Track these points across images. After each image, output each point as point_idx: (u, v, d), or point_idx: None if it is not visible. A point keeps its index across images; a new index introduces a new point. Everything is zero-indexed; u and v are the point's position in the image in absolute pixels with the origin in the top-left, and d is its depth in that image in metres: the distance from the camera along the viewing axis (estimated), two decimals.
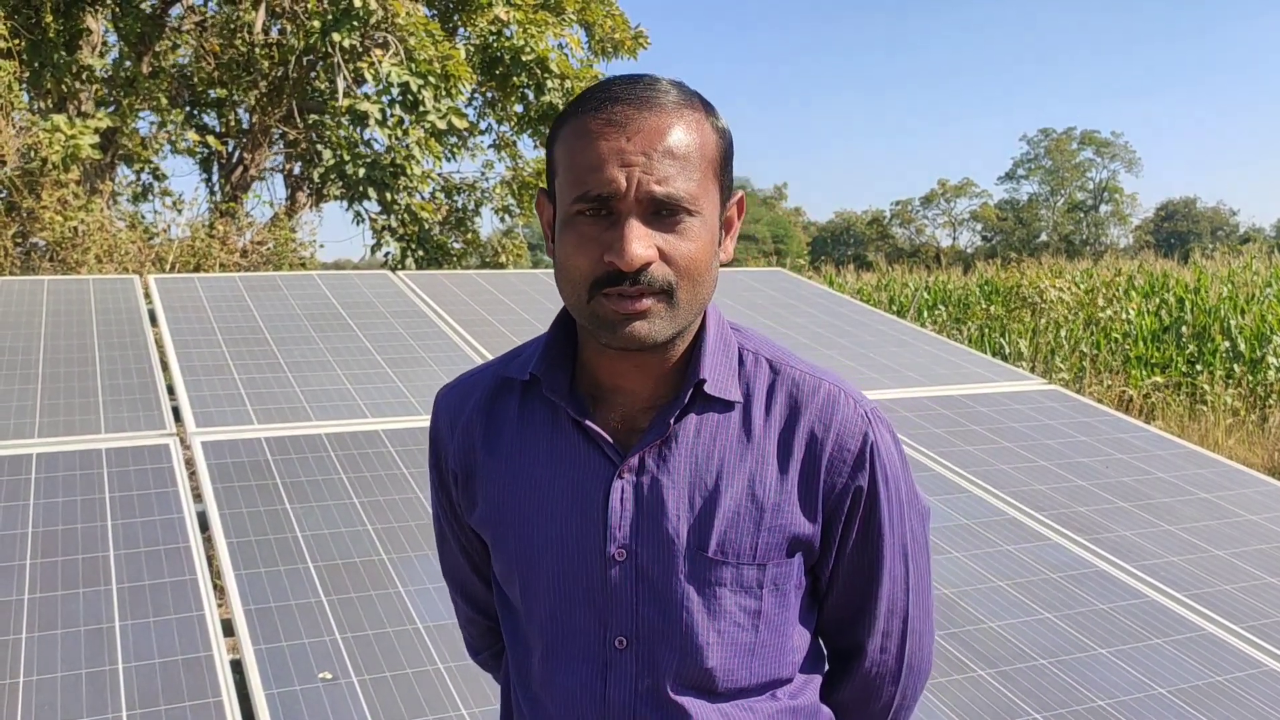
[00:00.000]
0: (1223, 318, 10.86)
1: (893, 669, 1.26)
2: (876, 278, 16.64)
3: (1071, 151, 58.23)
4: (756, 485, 1.14)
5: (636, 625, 1.14)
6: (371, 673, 2.22)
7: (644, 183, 1.04)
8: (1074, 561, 2.92)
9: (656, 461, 1.14)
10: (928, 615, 1.27)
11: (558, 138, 1.12)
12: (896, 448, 1.22)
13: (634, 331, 1.07)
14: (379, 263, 9.76)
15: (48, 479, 2.85)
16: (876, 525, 1.19)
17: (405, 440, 3.28)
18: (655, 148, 1.05)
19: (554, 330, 1.21)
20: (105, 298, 4.36)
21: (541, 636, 1.18)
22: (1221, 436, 8.47)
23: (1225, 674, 2.44)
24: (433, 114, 9.00)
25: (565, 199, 1.09)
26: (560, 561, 1.16)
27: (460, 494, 1.26)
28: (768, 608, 1.16)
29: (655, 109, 1.07)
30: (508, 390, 1.23)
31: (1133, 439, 3.84)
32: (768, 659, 1.17)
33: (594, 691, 1.15)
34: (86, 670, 2.15)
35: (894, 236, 55.36)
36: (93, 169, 9.06)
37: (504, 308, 4.67)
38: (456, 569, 1.37)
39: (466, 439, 1.24)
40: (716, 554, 1.13)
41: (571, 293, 1.10)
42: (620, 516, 1.13)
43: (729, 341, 1.20)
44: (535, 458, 1.18)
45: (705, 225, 1.09)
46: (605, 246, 1.06)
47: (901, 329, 4.87)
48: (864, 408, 1.19)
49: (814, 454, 1.16)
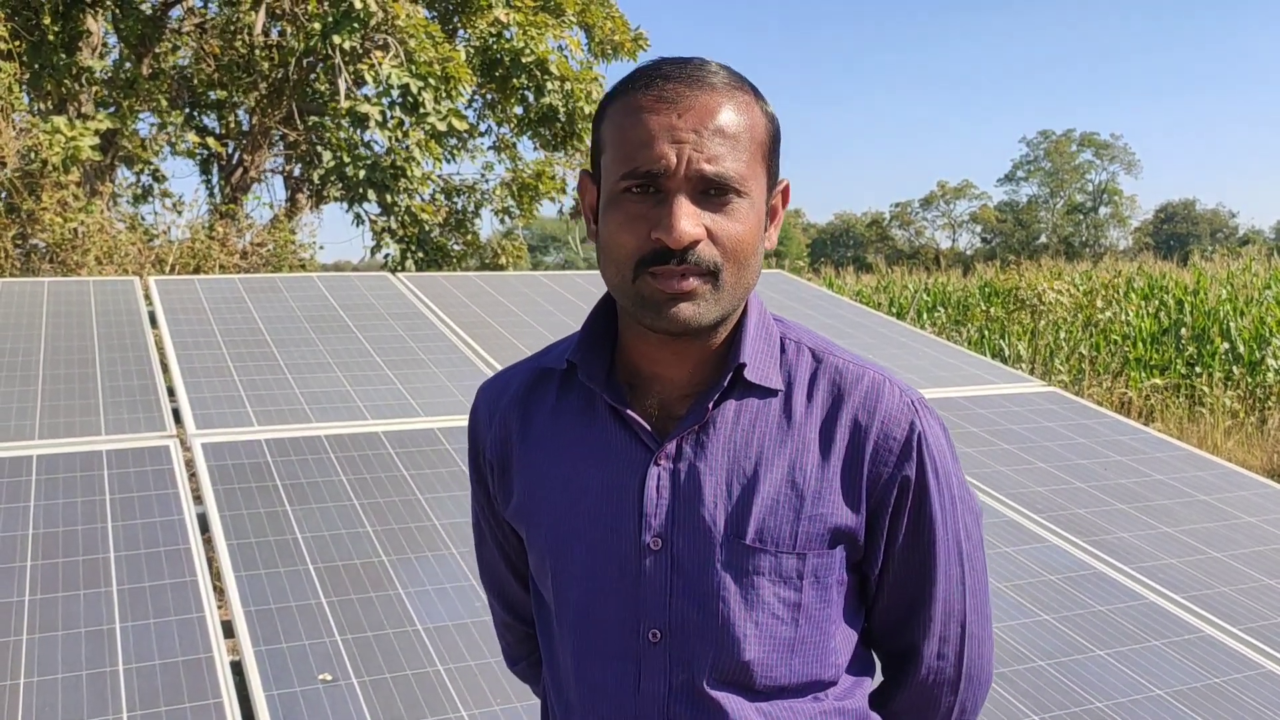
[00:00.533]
0: (1222, 320, 10.86)
1: (951, 677, 1.20)
2: (876, 279, 16.65)
3: (1071, 153, 58.27)
4: (796, 472, 1.11)
5: (670, 617, 1.11)
6: (371, 674, 2.23)
7: (694, 160, 1.03)
8: (1072, 563, 2.92)
9: (694, 448, 1.11)
10: (986, 621, 1.22)
11: (605, 115, 1.10)
12: (946, 440, 1.18)
13: (679, 313, 1.05)
14: (378, 264, 9.77)
15: (48, 480, 2.86)
16: (927, 519, 1.14)
17: (405, 442, 3.28)
18: (706, 126, 1.03)
19: (592, 318, 1.19)
20: (105, 299, 4.36)
21: (574, 631, 1.15)
22: (1220, 439, 8.48)
23: (1223, 675, 2.45)
24: (433, 116, 9.01)
25: (612, 177, 1.07)
26: (593, 551, 1.13)
27: (496, 486, 1.24)
28: (808, 601, 1.12)
29: (706, 88, 1.05)
30: (545, 380, 1.22)
31: (1131, 441, 3.85)
32: (808, 656, 1.13)
33: (627, 687, 1.12)
34: (87, 671, 2.16)
35: (893, 238, 55.38)
36: (93, 170, 9.07)
37: (503, 309, 4.67)
38: (494, 570, 1.35)
39: (503, 429, 1.22)
40: (755, 541, 1.09)
41: (615, 272, 1.08)
42: (656, 504, 1.11)
43: (770, 330, 1.17)
44: (571, 446, 1.16)
45: (753, 208, 1.07)
46: (653, 224, 1.04)
47: (900, 331, 4.88)
48: (910, 396, 1.15)
49: (857, 442, 1.12)
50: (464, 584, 2.58)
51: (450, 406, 3.57)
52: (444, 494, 3.00)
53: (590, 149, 1.15)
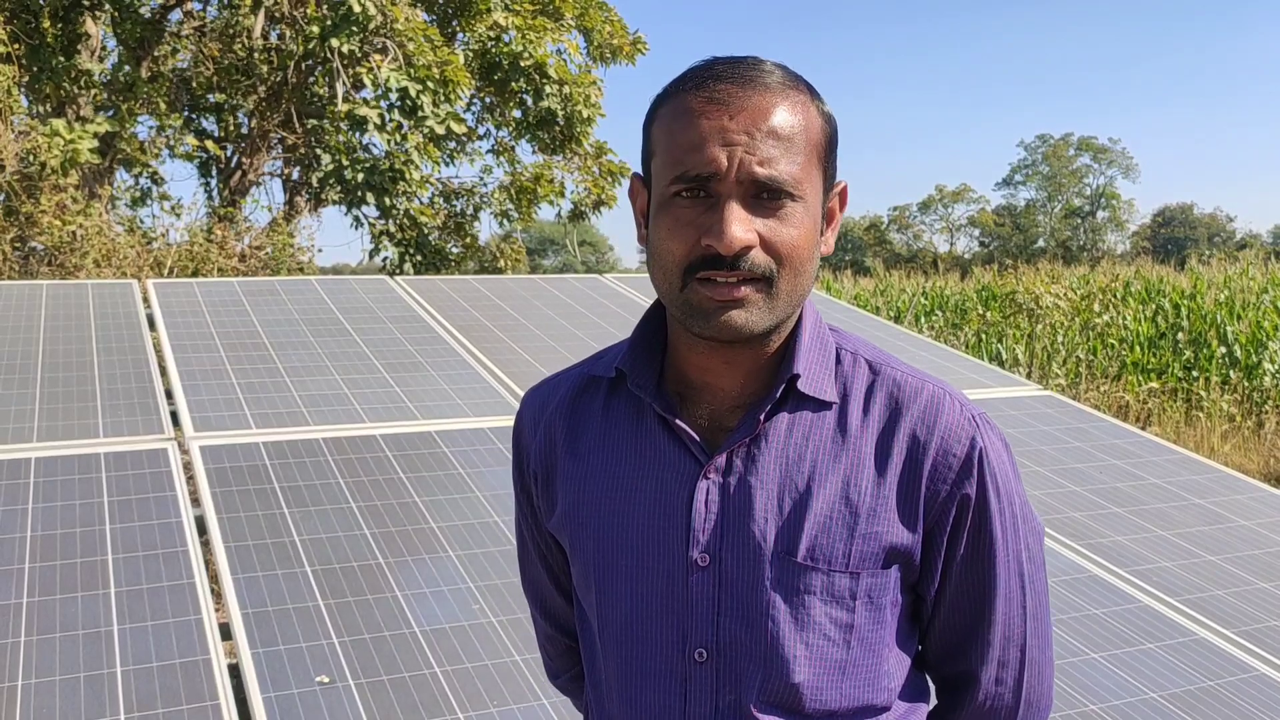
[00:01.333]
0: (1219, 324, 10.88)
1: (1009, 704, 1.15)
2: (874, 283, 16.66)
3: (1069, 158, 58.34)
4: (851, 489, 1.07)
5: (718, 636, 1.07)
6: (368, 676, 2.23)
7: (746, 163, 0.99)
8: (1067, 566, 2.93)
9: (745, 462, 1.07)
10: (1047, 645, 1.17)
11: (655, 117, 1.07)
12: (1008, 457, 1.13)
13: (730, 320, 1.02)
14: (377, 267, 9.78)
15: (46, 483, 2.87)
16: (988, 539, 1.09)
17: (402, 445, 3.29)
18: (759, 127, 1.00)
19: (642, 326, 1.16)
20: (104, 302, 4.37)
21: (618, 649, 1.12)
22: (1217, 442, 8.50)
23: (1217, 679, 2.46)
24: (431, 119, 9.02)
25: (662, 180, 1.04)
26: (639, 566, 1.10)
27: (541, 496, 1.21)
28: (861, 622, 1.07)
29: (760, 88, 1.02)
30: (593, 389, 1.18)
31: (1127, 445, 3.86)
32: (860, 680, 1.08)
33: (672, 708, 1.08)
34: (85, 674, 2.16)
35: (891, 242, 55.42)
36: (91, 173, 9.08)
37: (501, 312, 4.68)
38: (537, 581, 1.32)
39: (548, 438, 1.19)
40: (806, 559, 1.05)
41: (664, 279, 1.05)
42: (704, 519, 1.07)
43: (825, 340, 1.13)
44: (618, 456, 1.13)
45: (808, 212, 1.04)
46: (703, 230, 1.01)
47: (896, 334, 4.89)
48: (971, 411, 1.11)
49: (915, 459, 1.08)
50: (461, 587, 2.59)
51: (447, 410, 3.58)
52: (441, 497, 3.01)
53: (641, 152, 1.12)
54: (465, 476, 3.13)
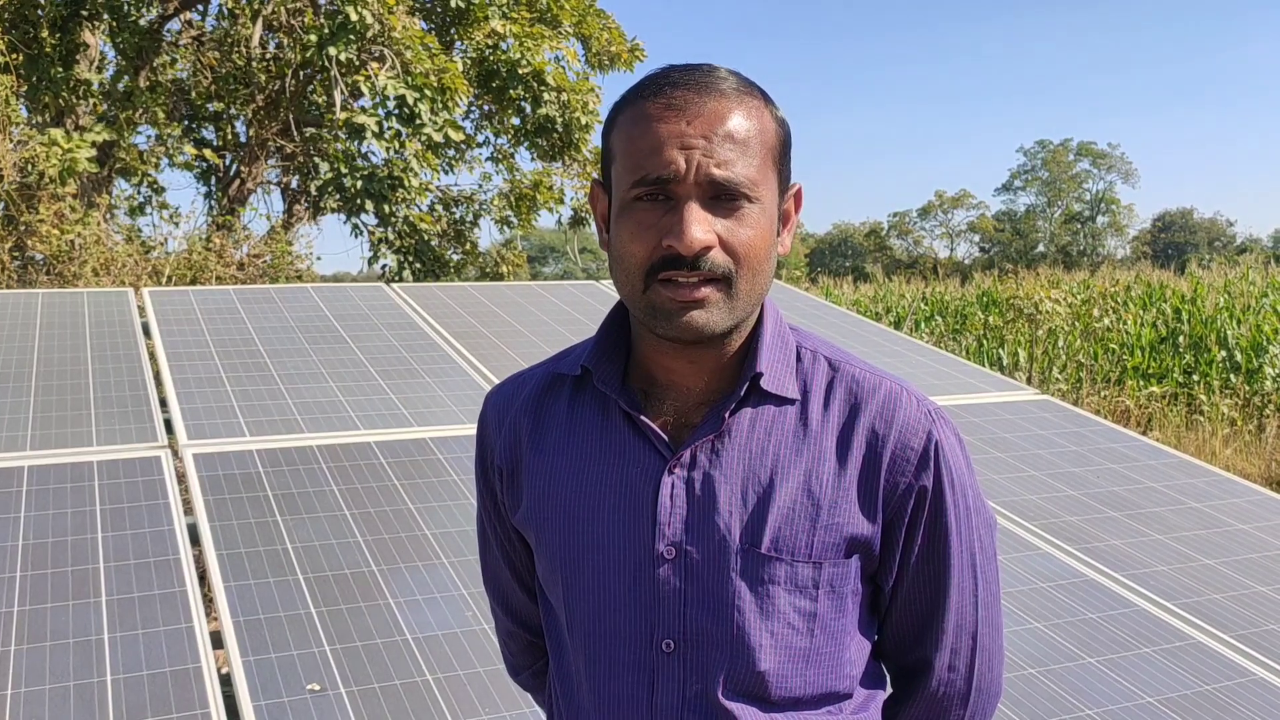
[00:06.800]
0: (1219, 328, 10.87)
1: (961, 690, 1.19)
2: (874, 289, 16.66)
3: (1068, 163, 58.38)
4: (813, 481, 1.10)
5: (684, 626, 1.09)
6: (360, 684, 2.22)
7: (704, 165, 1.02)
8: (1064, 571, 2.92)
9: (709, 457, 1.10)
10: (998, 633, 1.21)
11: (615, 124, 1.09)
12: (962, 451, 1.17)
13: (691, 320, 1.05)
14: (377, 275, 9.78)
15: (39, 491, 2.86)
16: (942, 531, 1.14)
17: (397, 452, 3.29)
18: (715, 131, 1.03)
19: (607, 325, 1.18)
20: (99, 310, 4.37)
21: (585, 642, 1.14)
22: (1219, 446, 8.48)
23: (1214, 683, 2.44)
24: (429, 127, 9.03)
25: (622, 185, 1.07)
26: (606, 560, 1.12)
27: (505, 492, 1.23)
28: (823, 611, 1.11)
29: (715, 94, 1.05)
30: (558, 386, 1.21)
31: (1124, 449, 3.85)
32: (823, 667, 1.12)
33: (640, 699, 1.11)
34: (75, 682, 2.16)
35: (892, 248, 55.45)
36: (90, 183, 9.09)
37: (498, 319, 4.68)
38: (498, 577, 1.34)
39: (513, 434, 1.21)
40: (770, 550, 1.08)
41: (627, 281, 1.07)
42: (670, 513, 1.09)
43: (787, 339, 1.16)
44: (584, 452, 1.15)
45: (765, 213, 1.07)
46: (663, 231, 1.03)
47: (895, 340, 4.88)
48: (927, 406, 1.15)
49: (875, 452, 1.11)
50: (454, 594, 2.58)
51: (442, 416, 3.57)
52: (435, 504, 3.00)
53: (601, 158, 1.14)
54: (459, 483, 3.12)
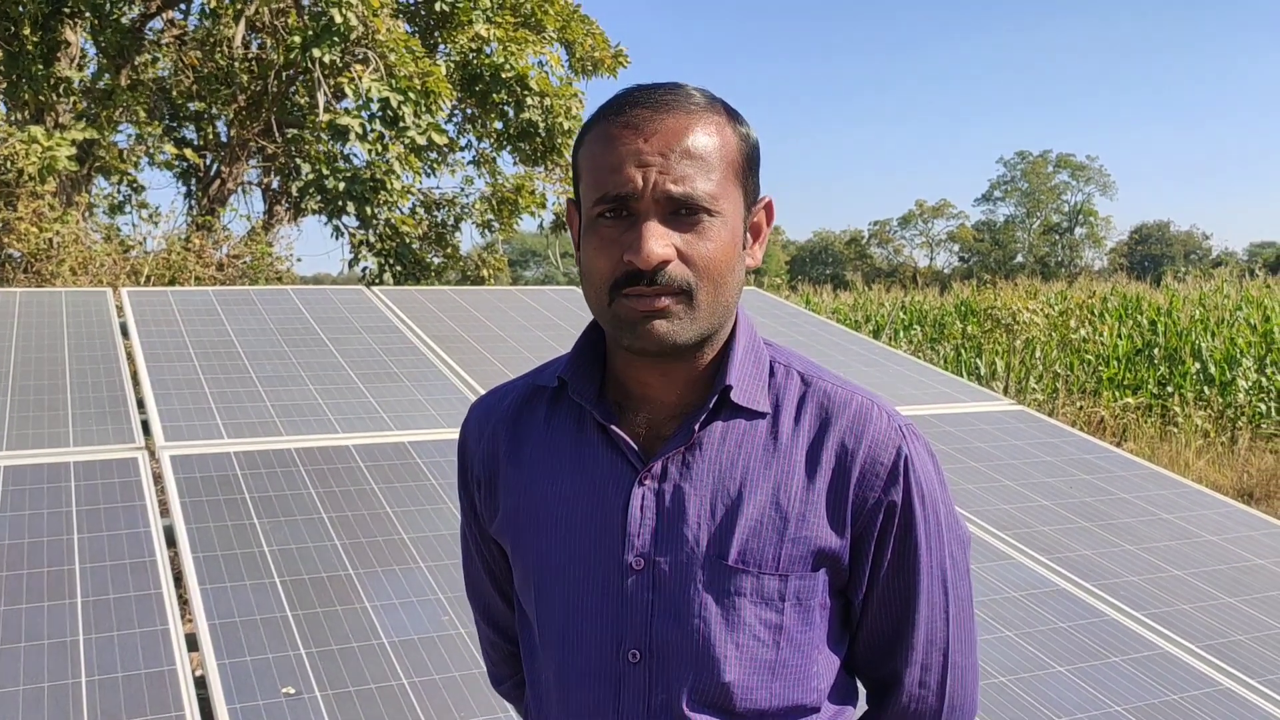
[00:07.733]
0: (1194, 340, 10.99)
1: (934, 706, 1.19)
2: (853, 297, 16.74)
3: (1047, 174, 58.85)
4: (781, 494, 1.11)
5: (651, 637, 1.11)
6: (335, 688, 2.23)
7: (660, 183, 1.05)
8: (1035, 580, 2.96)
9: (679, 469, 1.12)
10: (971, 649, 1.21)
11: (582, 144, 1.13)
12: (934, 466, 1.18)
13: (653, 330, 1.07)
14: (357, 277, 9.75)
15: (14, 491, 2.85)
16: (912, 545, 1.14)
17: (375, 455, 3.29)
18: (672, 148, 1.06)
19: (584, 338, 1.20)
20: (77, 310, 4.35)
21: (555, 651, 1.16)
22: (1192, 458, 8.57)
23: (1181, 692, 2.48)
24: (412, 129, 9.02)
25: (588, 203, 1.10)
26: (577, 569, 1.13)
27: (484, 502, 1.25)
28: (789, 623, 1.11)
29: (674, 111, 1.07)
30: (538, 398, 1.23)
31: (1097, 460, 3.89)
32: (789, 680, 1.12)
33: (605, 709, 1.12)
34: (49, 684, 2.15)
35: (872, 256, 55.72)
36: (69, 181, 9.03)
37: (478, 324, 4.68)
38: (479, 587, 1.35)
39: (492, 445, 1.23)
40: (737, 562, 1.09)
41: (595, 296, 1.10)
42: (640, 524, 1.11)
43: (760, 353, 1.18)
44: (558, 464, 1.17)
45: (726, 226, 1.08)
46: (625, 247, 1.06)
47: (872, 349, 4.92)
48: (898, 422, 1.16)
49: (844, 466, 1.12)
50: (430, 598, 2.58)
51: (422, 420, 3.58)
52: (413, 508, 3.00)
53: (572, 178, 1.17)
54: (438, 488, 3.13)
